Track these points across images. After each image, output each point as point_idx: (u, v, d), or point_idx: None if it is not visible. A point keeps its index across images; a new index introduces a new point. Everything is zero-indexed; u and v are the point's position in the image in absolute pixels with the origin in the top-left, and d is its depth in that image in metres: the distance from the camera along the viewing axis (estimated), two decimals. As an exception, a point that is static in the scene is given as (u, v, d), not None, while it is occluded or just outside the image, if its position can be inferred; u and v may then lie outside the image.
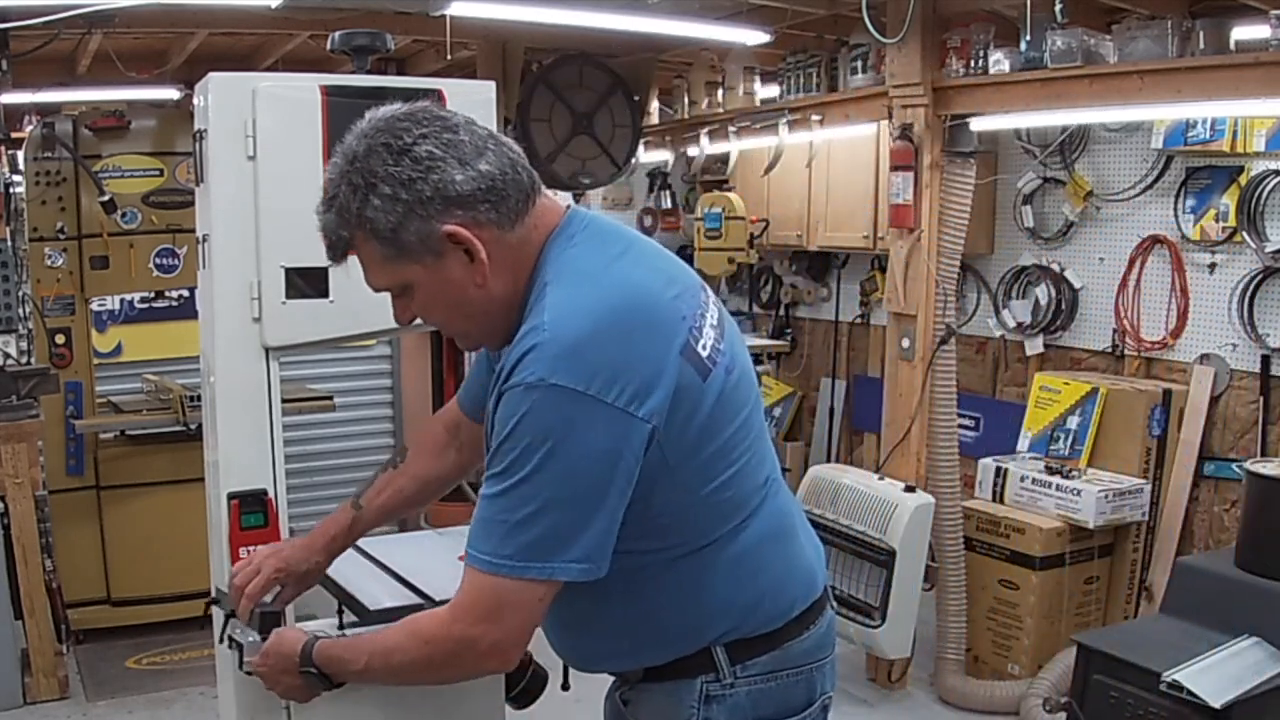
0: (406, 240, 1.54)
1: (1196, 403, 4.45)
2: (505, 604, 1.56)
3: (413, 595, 2.31)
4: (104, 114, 4.96)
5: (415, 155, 1.51)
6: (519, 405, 1.48)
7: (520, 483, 1.49)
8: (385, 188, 1.52)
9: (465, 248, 1.55)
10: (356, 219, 1.55)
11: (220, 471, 2.25)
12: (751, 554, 1.69)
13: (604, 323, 1.51)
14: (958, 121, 4.26)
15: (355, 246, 1.60)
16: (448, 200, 1.52)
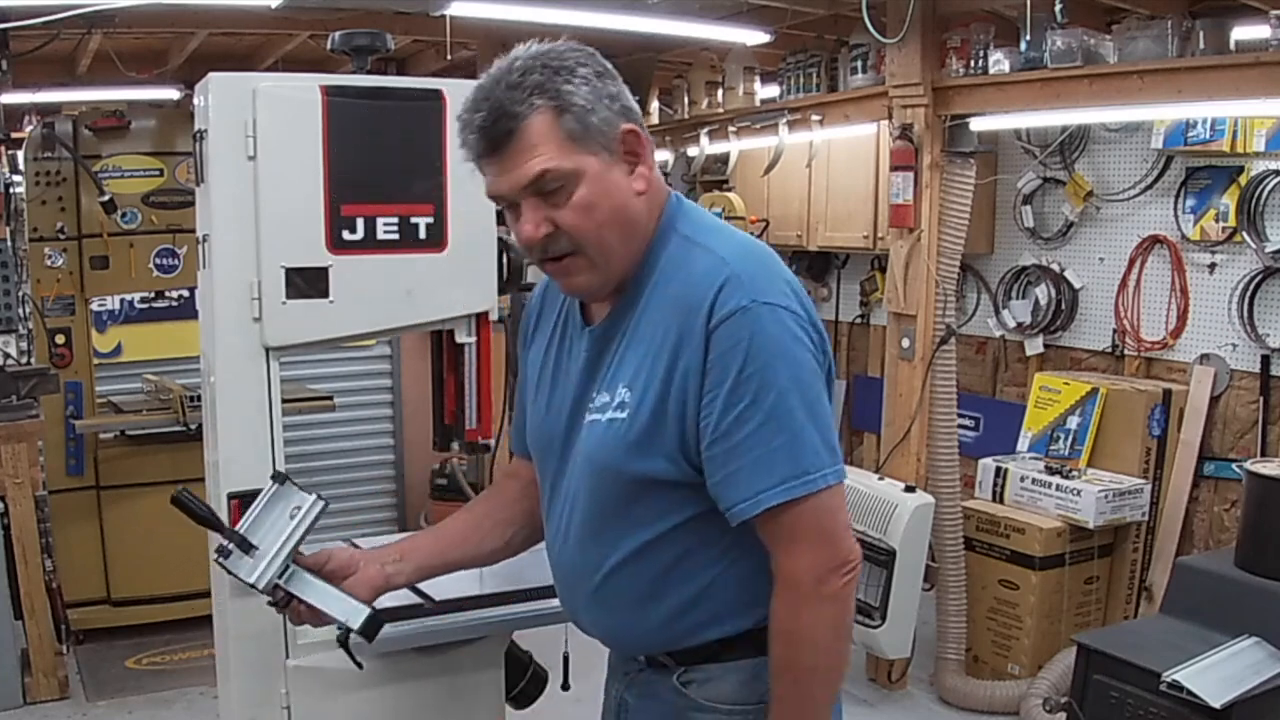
0: (594, 124, 1.52)
1: (1196, 403, 4.45)
2: (821, 517, 1.54)
3: (413, 595, 2.31)
4: (104, 114, 4.96)
5: (601, 63, 1.57)
6: (743, 329, 1.50)
7: (777, 400, 1.50)
8: (584, 71, 1.53)
9: (633, 154, 1.57)
10: (555, 92, 1.51)
11: (220, 471, 2.25)
12: None
13: (767, 258, 1.60)
14: (958, 121, 4.26)
15: (527, 128, 1.51)
16: (626, 109, 1.57)
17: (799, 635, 1.55)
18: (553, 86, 1.51)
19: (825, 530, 1.54)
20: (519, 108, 1.51)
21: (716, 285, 1.52)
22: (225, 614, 2.28)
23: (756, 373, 1.50)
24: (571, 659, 2.42)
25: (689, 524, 1.61)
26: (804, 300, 1.59)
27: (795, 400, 1.51)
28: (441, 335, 2.50)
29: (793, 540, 1.53)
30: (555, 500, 1.75)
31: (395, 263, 2.30)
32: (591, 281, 1.62)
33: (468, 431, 2.49)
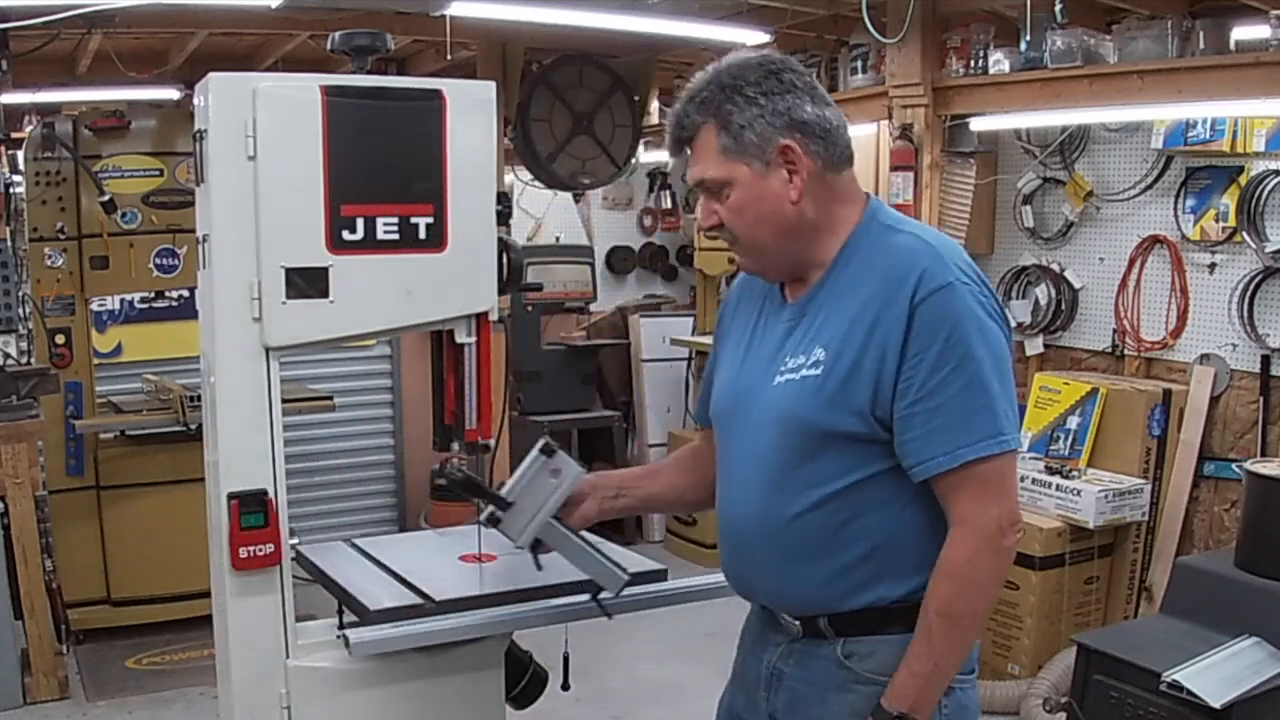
0: (748, 139, 1.77)
1: (1196, 403, 4.45)
2: (1005, 476, 1.73)
3: (413, 595, 2.31)
4: (104, 114, 4.95)
5: (782, 79, 1.78)
6: (949, 303, 1.70)
7: (977, 369, 1.69)
8: (749, 91, 1.77)
9: (791, 165, 1.78)
10: (715, 110, 1.78)
11: (220, 471, 2.25)
12: None
13: (959, 247, 1.82)
14: (958, 121, 4.27)
15: (697, 137, 1.81)
16: (793, 122, 1.77)
17: (970, 577, 1.71)
18: (717, 105, 1.78)
19: (1008, 488, 1.73)
20: (696, 118, 1.81)
21: (922, 262, 1.73)
22: (225, 614, 2.28)
23: (960, 343, 1.69)
24: (571, 659, 2.42)
25: (867, 482, 1.76)
26: (990, 286, 1.80)
27: (990, 370, 1.70)
28: (441, 335, 2.49)
29: (983, 492, 1.70)
30: (737, 459, 1.89)
31: (395, 263, 2.30)
32: (753, 266, 1.90)
33: (468, 431, 2.48)
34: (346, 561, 2.57)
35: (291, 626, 2.29)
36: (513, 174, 6.13)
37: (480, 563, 2.55)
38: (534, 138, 5.62)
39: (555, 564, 2.56)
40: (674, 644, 4.99)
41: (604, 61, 5.74)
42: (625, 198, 7.37)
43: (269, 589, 2.26)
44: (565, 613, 2.32)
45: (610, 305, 7.12)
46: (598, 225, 7.25)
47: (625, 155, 5.89)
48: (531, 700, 2.49)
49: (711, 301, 6.48)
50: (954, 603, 1.71)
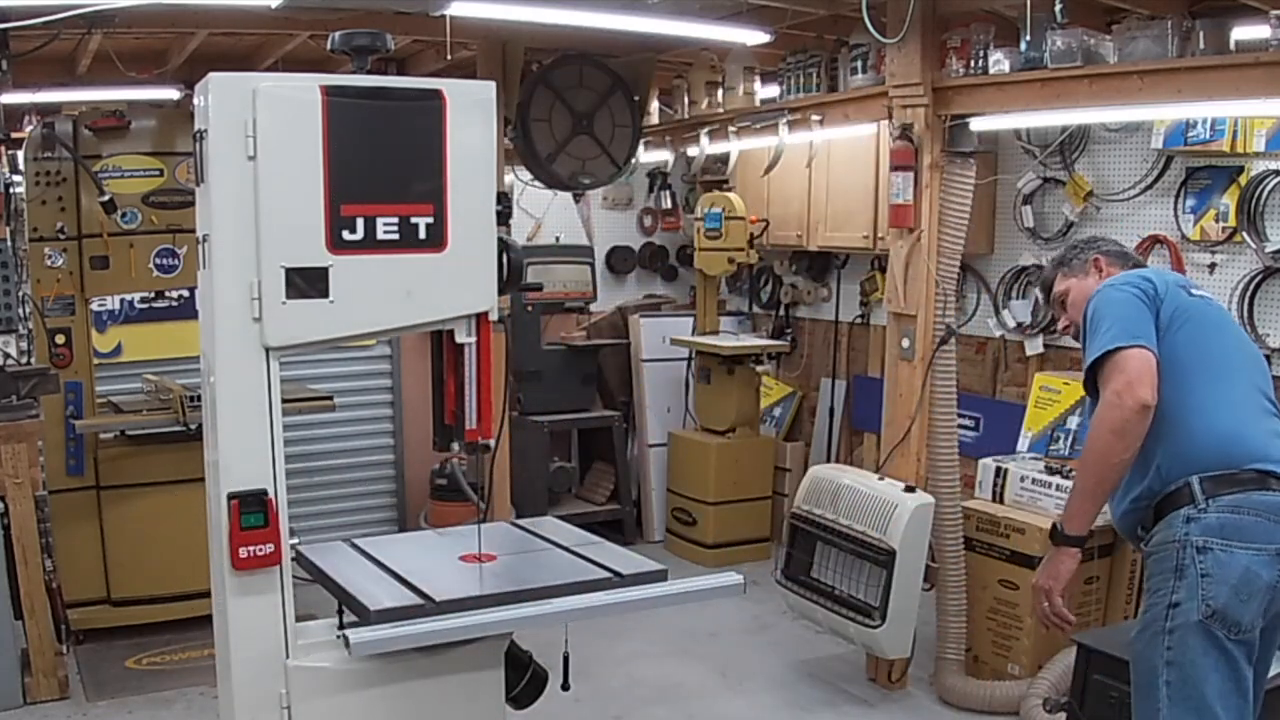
0: (1074, 263, 3.01)
1: (1196, 403, 4.45)
2: (1120, 360, 2.55)
3: (413, 595, 2.31)
4: (104, 114, 4.95)
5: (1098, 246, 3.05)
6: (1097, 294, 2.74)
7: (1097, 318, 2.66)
8: (1079, 248, 3.05)
9: (1098, 268, 2.94)
10: (1064, 266, 3.04)
11: (220, 471, 2.25)
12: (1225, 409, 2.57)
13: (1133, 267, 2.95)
14: (958, 121, 4.26)
15: (1058, 283, 3.03)
16: (1100, 251, 3.00)
17: (1097, 425, 2.56)
18: (1064, 263, 3.05)
19: (1122, 368, 2.54)
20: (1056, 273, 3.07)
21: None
22: (225, 614, 2.28)
23: (1095, 310, 2.69)
24: (571, 659, 2.42)
25: None
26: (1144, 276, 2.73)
27: (1106, 314, 2.64)
28: (441, 335, 2.50)
29: (1104, 375, 2.57)
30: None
31: (395, 263, 2.31)
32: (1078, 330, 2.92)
33: (468, 431, 2.49)
34: (346, 561, 2.57)
35: (291, 626, 2.29)
36: (513, 174, 6.12)
37: (480, 563, 2.55)
38: (534, 138, 5.62)
39: (555, 564, 2.56)
40: (674, 644, 5.00)
41: (604, 61, 5.73)
42: (625, 198, 7.37)
43: (269, 589, 2.26)
44: (565, 613, 2.32)
45: (610, 305, 7.12)
46: (598, 225, 7.24)
47: (625, 155, 5.89)
48: (531, 700, 2.49)
49: (711, 301, 6.48)
50: (1084, 456, 2.60)
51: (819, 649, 4.98)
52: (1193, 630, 2.40)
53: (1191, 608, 2.40)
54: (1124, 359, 2.52)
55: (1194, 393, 2.57)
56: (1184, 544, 2.45)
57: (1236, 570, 2.40)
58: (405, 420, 6.49)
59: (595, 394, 6.86)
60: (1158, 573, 2.52)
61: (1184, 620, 2.41)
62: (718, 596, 2.50)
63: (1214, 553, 2.42)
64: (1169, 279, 2.73)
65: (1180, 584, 2.43)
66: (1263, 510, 2.44)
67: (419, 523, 6.15)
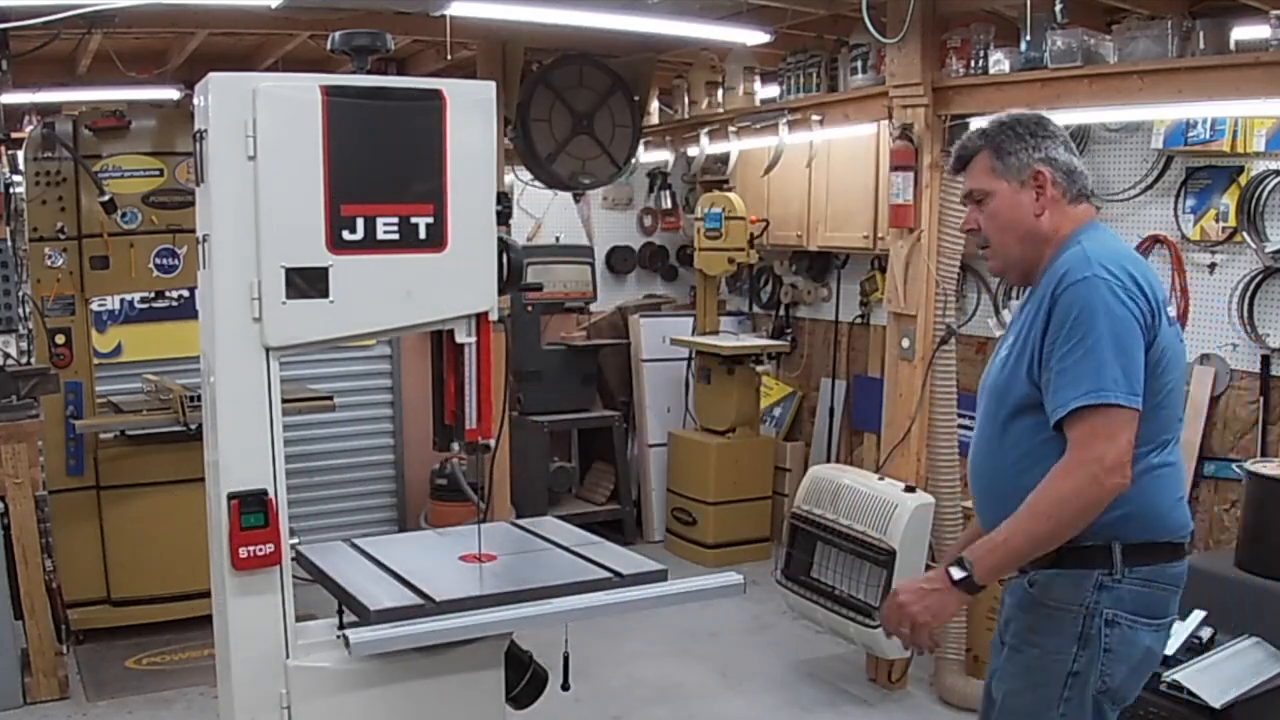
0: (1011, 162, 2.32)
1: (1196, 403, 4.45)
2: (1115, 423, 2.12)
3: (413, 595, 2.31)
4: (104, 114, 4.95)
5: (1048, 129, 2.35)
6: (1079, 293, 2.16)
7: (1095, 340, 2.13)
8: (1020, 129, 2.34)
9: (1039, 187, 2.31)
10: (992, 140, 2.35)
11: (220, 471, 2.25)
12: (1173, 470, 2.30)
13: (1121, 255, 2.25)
14: (958, 121, 4.26)
15: (975, 160, 2.37)
16: (1047, 157, 2.32)
17: (1059, 487, 2.14)
18: (993, 137, 2.35)
19: (1111, 433, 2.11)
20: (979, 143, 2.37)
21: (1071, 262, 2.21)
22: (225, 614, 2.28)
23: (1082, 322, 2.15)
24: (571, 659, 2.42)
25: (1047, 442, 2.20)
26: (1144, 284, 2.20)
27: (1106, 343, 2.13)
28: (441, 335, 2.49)
29: (1091, 432, 2.12)
30: (978, 427, 2.41)
31: (395, 263, 2.30)
32: (997, 266, 2.44)
33: (468, 431, 2.48)
34: (346, 561, 2.57)
35: (291, 626, 2.29)
36: (513, 174, 6.12)
37: (480, 563, 2.55)
38: (534, 138, 5.62)
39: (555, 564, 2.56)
40: (674, 644, 5.00)
41: (604, 61, 5.73)
42: (625, 198, 7.37)
43: (269, 589, 2.26)
44: (565, 613, 2.32)
45: (610, 305, 7.12)
46: (598, 225, 7.24)
47: (625, 155, 5.89)
48: (531, 700, 2.49)
49: (711, 301, 6.49)
50: (1040, 498, 2.16)
51: (819, 649, 4.98)
52: (1087, 702, 2.24)
53: (1089, 680, 2.23)
54: (1120, 424, 2.11)
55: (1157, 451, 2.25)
56: (1092, 612, 2.22)
57: (1139, 651, 2.25)
58: (405, 420, 6.49)
59: (595, 394, 6.86)
60: (1054, 632, 2.24)
61: (1079, 692, 2.23)
62: (718, 596, 2.50)
63: (1121, 628, 2.22)
64: (1159, 296, 2.25)
65: (1083, 654, 2.22)
66: (1168, 582, 2.30)
67: (419, 523, 6.15)
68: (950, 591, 2.22)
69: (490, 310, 2.44)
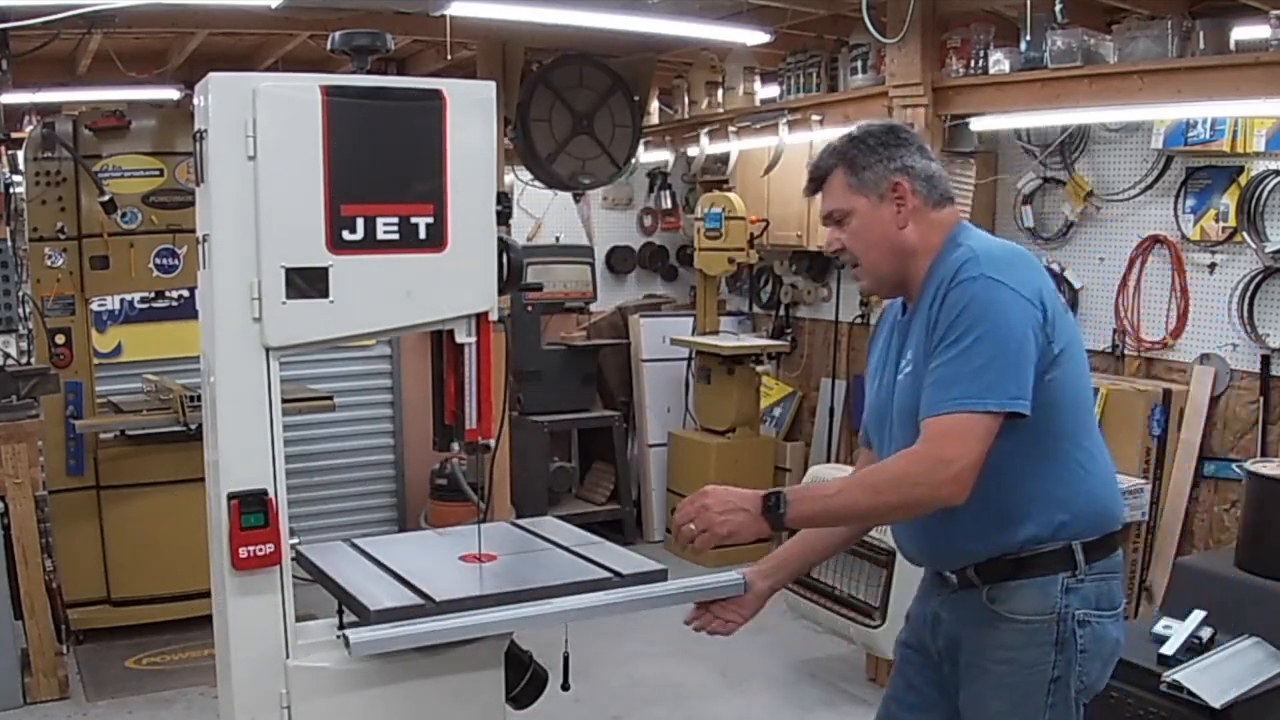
0: (867, 177, 2.21)
1: (1196, 403, 4.45)
2: (970, 432, 2.02)
3: (413, 595, 2.31)
4: (104, 114, 4.95)
5: (900, 137, 2.25)
6: (969, 292, 2.07)
7: (973, 343, 2.04)
8: (873, 141, 2.23)
9: (899, 199, 2.20)
10: (845, 157, 2.24)
11: (220, 471, 2.25)
12: (1104, 457, 2.24)
13: (1010, 252, 2.18)
14: (958, 121, 4.27)
15: (830, 178, 2.25)
16: (903, 166, 2.21)
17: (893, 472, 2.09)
18: (845, 153, 2.24)
19: (957, 438, 2.02)
20: (831, 161, 2.26)
21: (957, 264, 2.11)
22: (225, 614, 2.28)
23: (963, 322, 2.05)
24: (571, 659, 2.42)
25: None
26: (1037, 287, 2.10)
27: (988, 344, 2.03)
28: (441, 335, 2.49)
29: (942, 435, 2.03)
30: (887, 451, 2.25)
31: (395, 263, 2.30)
32: (867, 285, 2.32)
33: (468, 431, 2.48)
34: (346, 561, 2.57)
35: (291, 626, 2.29)
36: (513, 174, 6.13)
37: (480, 563, 2.55)
38: (534, 138, 5.62)
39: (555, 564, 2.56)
40: (674, 644, 4.99)
41: (604, 61, 5.74)
42: (625, 198, 7.37)
43: (269, 589, 2.26)
44: (565, 613, 2.32)
45: (610, 305, 7.12)
46: (598, 225, 7.25)
47: (625, 155, 5.89)
48: (531, 700, 2.49)
49: (711, 301, 6.49)
50: (879, 474, 2.12)
51: (819, 649, 4.98)
52: (1069, 705, 2.22)
53: (1069, 682, 2.19)
54: (980, 433, 2.02)
55: (1079, 443, 2.20)
56: (1064, 616, 2.17)
57: (1109, 645, 2.25)
58: (405, 420, 6.48)
59: (595, 394, 6.86)
60: (1028, 645, 2.18)
61: (1063, 695, 2.20)
62: (718, 596, 2.50)
63: (1091, 626, 2.20)
64: (1050, 290, 2.16)
65: (1060, 658, 2.18)
66: (1119, 571, 2.27)
67: (419, 523, 6.15)
68: (757, 518, 2.13)
69: (490, 310, 2.44)
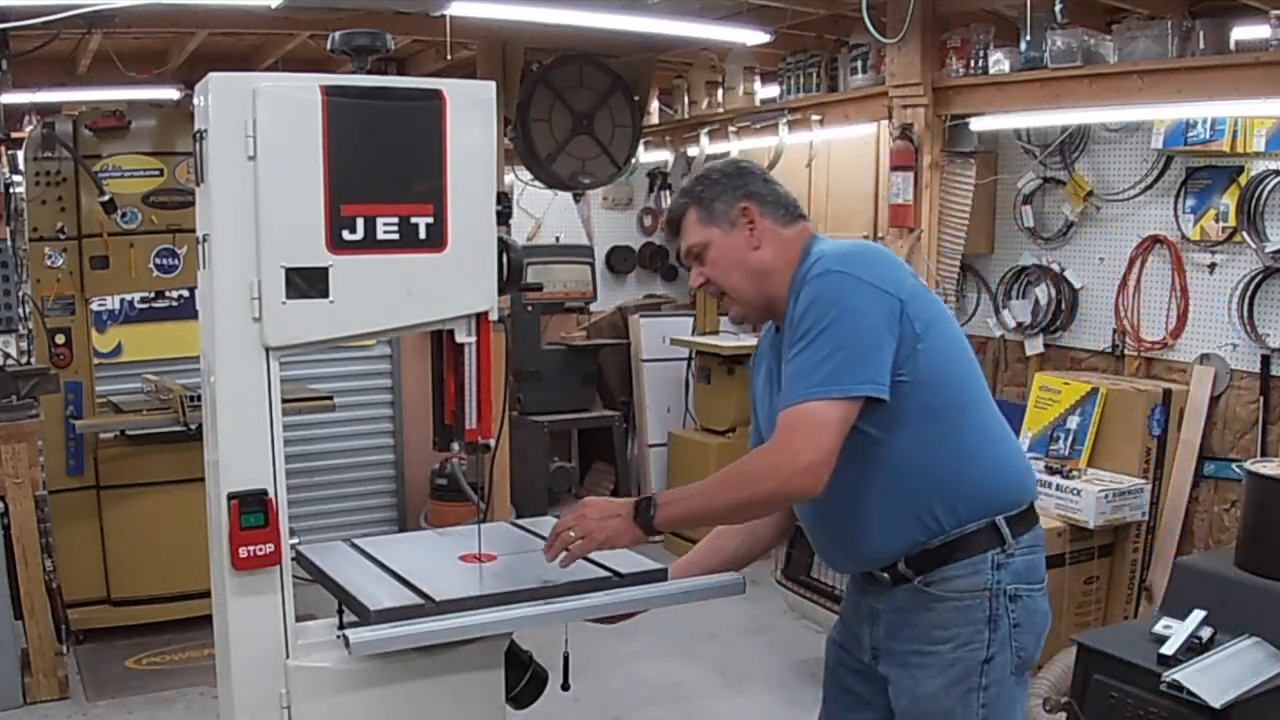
0: (716, 208, 2.30)
1: (1196, 403, 4.45)
2: (818, 421, 2.05)
3: (413, 595, 2.31)
4: (104, 114, 4.95)
5: (742, 169, 2.36)
6: (816, 288, 2.13)
7: (819, 335, 2.08)
8: (717, 175, 2.33)
9: (750, 223, 2.28)
10: (694, 195, 2.33)
11: (220, 471, 2.25)
12: (1004, 430, 2.27)
13: (861, 248, 2.25)
14: (958, 121, 4.27)
15: (684, 218, 2.33)
16: (748, 193, 2.30)
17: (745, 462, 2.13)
18: (696, 192, 2.33)
19: (805, 429, 2.06)
20: (683, 201, 2.35)
21: (809, 265, 2.19)
22: (225, 614, 2.28)
23: (812, 316, 2.10)
24: (571, 659, 2.42)
25: (857, 456, 2.12)
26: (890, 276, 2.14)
27: (831, 336, 2.07)
28: (441, 335, 2.49)
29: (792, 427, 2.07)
30: None
31: (395, 263, 2.30)
32: (739, 311, 2.36)
33: (468, 431, 2.48)
34: (346, 561, 2.57)
35: (291, 626, 2.29)
36: (513, 174, 6.13)
37: (480, 563, 2.55)
38: (534, 138, 5.62)
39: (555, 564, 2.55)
40: (674, 644, 5.00)
41: (604, 61, 5.74)
42: (625, 198, 7.37)
43: (269, 589, 2.26)
44: (565, 613, 2.32)
45: (610, 305, 7.13)
46: (598, 225, 7.25)
47: (625, 155, 5.89)
48: (531, 700, 2.48)
49: (710, 301, 6.48)
50: (734, 471, 2.14)
51: (819, 649, 4.94)
52: (1006, 683, 2.22)
53: (1004, 660, 2.20)
54: (831, 422, 2.04)
55: (974, 418, 2.22)
56: (996, 592, 2.18)
57: (1041, 617, 2.26)
58: (405, 420, 6.49)
59: (595, 394, 6.86)
60: (964, 622, 2.19)
61: (999, 675, 2.20)
62: (718, 596, 2.49)
63: (1023, 600, 2.21)
64: (908, 274, 2.22)
65: (994, 636, 2.19)
66: (1042, 545, 2.28)
67: (419, 523, 6.15)
68: (630, 525, 2.19)
69: (490, 310, 2.44)
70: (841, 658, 2.46)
